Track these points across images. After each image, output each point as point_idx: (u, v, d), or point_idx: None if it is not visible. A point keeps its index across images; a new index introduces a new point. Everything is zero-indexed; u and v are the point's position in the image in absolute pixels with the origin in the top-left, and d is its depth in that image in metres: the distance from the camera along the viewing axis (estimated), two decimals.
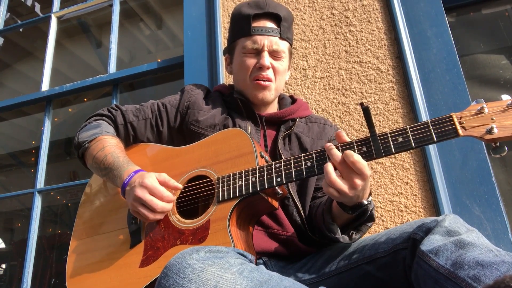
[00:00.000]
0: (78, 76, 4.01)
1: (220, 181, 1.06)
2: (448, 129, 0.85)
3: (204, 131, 1.27)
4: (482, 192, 1.50)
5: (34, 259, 2.32)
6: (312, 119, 1.41)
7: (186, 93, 1.38)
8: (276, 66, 1.31)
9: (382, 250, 1.00)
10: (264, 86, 1.29)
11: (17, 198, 4.36)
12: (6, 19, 3.22)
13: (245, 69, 1.31)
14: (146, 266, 1.05)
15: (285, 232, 1.19)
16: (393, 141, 0.91)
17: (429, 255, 0.84)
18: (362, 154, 0.94)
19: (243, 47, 1.31)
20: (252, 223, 1.10)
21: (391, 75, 1.77)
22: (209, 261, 0.76)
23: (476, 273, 0.75)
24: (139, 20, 3.85)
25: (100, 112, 1.37)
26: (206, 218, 1.03)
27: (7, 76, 4.35)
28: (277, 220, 1.20)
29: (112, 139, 1.27)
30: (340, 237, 1.07)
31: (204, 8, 2.26)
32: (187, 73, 2.15)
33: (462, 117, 0.85)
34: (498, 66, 2.25)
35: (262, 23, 1.30)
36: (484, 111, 0.84)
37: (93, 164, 1.25)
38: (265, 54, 1.28)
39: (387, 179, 1.64)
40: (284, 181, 1.00)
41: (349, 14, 1.93)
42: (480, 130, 0.83)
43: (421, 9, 1.81)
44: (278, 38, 1.29)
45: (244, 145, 1.09)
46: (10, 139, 4.66)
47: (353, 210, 1.02)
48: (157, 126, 1.33)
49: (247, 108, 1.32)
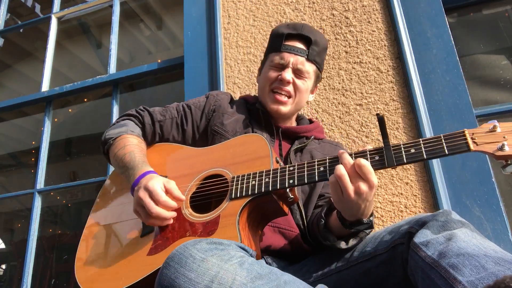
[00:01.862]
0: (78, 76, 4.01)
1: (235, 180, 1.09)
2: (460, 143, 0.87)
3: (226, 133, 1.33)
4: (482, 193, 1.50)
5: (34, 259, 2.32)
6: (326, 141, 1.47)
7: (212, 97, 1.46)
8: (298, 83, 1.36)
9: (382, 247, 1.02)
10: (280, 101, 1.35)
11: (17, 198, 4.36)
12: (6, 19, 3.22)
13: (268, 80, 1.38)
14: (153, 254, 1.08)
15: (291, 229, 1.22)
16: (405, 151, 0.93)
17: (420, 247, 0.86)
18: (374, 163, 0.95)
19: (271, 60, 1.39)
20: (261, 226, 1.13)
21: (391, 76, 1.77)
22: (210, 252, 0.77)
23: (456, 261, 0.77)
24: (139, 20, 3.86)
25: (128, 112, 1.44)
26: (217, 213, 1.06)
27: (7, 76, 4.35)
28: (284, 219, 1.23)
29: (135, 138, 1.33)
30: (336, 243, 1.08)
31: (204, 9, 2.27)
32: (187, 74, 2.15)
33: (475, 133, 0.87)
34: (498, 66, 2.25)
35: (293, 43, 1.37)
36: (496, 129, 0.85)
37: (114, 161, 1.31)
38: (289, 70, 1.34)
39: (387, 179, 1.64)
40: (296, 183, 1.02)
41: (349, 15, 1.93)
42: (492, 146, 0.84)
43: (421, 10, 1.81)
44: (305, 59, 1.35)
45: (262, 149, 1.13)
46: (10, 140, 4.66)
47: (351, 226, 1.02)
48: (182, 125, 1.40)
49: (266, 119, 1.39)
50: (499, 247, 0.83)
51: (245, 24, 2.13)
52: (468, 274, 0.74)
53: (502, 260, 0.75)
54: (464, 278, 0.73)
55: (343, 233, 1.08)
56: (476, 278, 0.72)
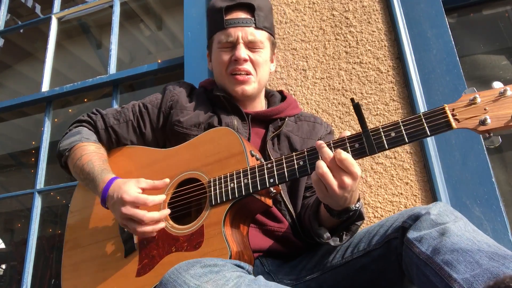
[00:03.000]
0: (78, 76, 4.02)
1: (212, 184, 1.04)
2: (441, 122, 0.84)
3: (188, 130, 1.23)
4: (482, 193, 1.50)
5: (34, 259, 2.32)
6: (302, 117, 1.36)
7: (169, 92, 1.33)
8: (255, 58, 1.25)
9: (376, 242, 1.01)
10: (242, 80, 1.24)
11: (17, 198, 4.36)
12: (6, 20, 3.22)
13: (222, 64, 1.27)
14: (142, 275, 1.04)
15: (280, 228, 1.18)
16: (385, 136, 0.89)
17: (413, 242, 0.85)
18: (355, 151, 0.92)
19: (218, 41, 1.27)
20: (247, 223, 1.10)
21: (391, 76, 1.77)
22: (204, 277, 0.74)
23: (450, 258, 0.76)
24: (139, 21, 3.86)
25: (80, 119, 1.34)
26: (200, 223, 1.02)
27: (7, 76, 4.35)
28: (271, 216, 1.19)
29: (91, 145, 1.24)
30: (330, 241, 1.04)
31: (204, 9, 2.26)
32: (187, 74, 2.15)
33: (455, 108, 0.84)
34: (498, 66, 2.25)
35: (235, 14, 1.25)
36: (476, 101, 0.82)
37: (74, 173, 1.24)
38: (240, 46, 1.23)
39: (387, 179, 1.64)
40: (277, 182, 0.98)
41: (349, 15, 1.93)
42: (474, 121, 0.81)
43: (421, 10, 1.81)
44: (253, 29, 1.24)
45: (234, 145, 1.07)
46: (10, 140, 4.66)
47: (340, 215, 0.99)
48: (139, 127, 1.30)
49: (231, 104, 1.27)
50: (492, 239, 0.83)
51: None
52: (463, 271, 0.73)
53: (495, 255, 0.74)
54: (459, 275, 0.73)
55: (334, 224, 1.06)
56: (471, 275, 0.71)
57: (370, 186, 1.65)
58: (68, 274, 1.22)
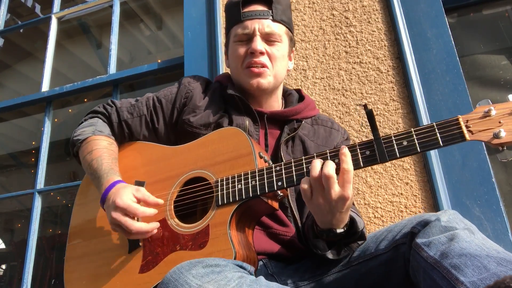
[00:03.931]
0: (78, 76, 4.01)
1: (219, 184, 1.03)
2: (455, 133, 0.82)
3: (198, 130, 1.21)
4: (482, 193, 1.49)
5: (34, 259, 2.32)
6: (319, 120, 1.33)
7: (183, 88, 1.31)
8: (271, 52, 1.22)
9: (383, 246, 1.00)
10: (257, 72, 1.20)
11: (17, 198, 4.36)
12: (6, 20, 3.22)
13: (238, 57, 1.23)
14: (145, 272, 1.04)
15: (285, 232, 1.18)
16: (397, 144, 0.88)
17: (422, 247, 0.85)
18: (365, 158, 0.91)
19: (234, 35, 1.25)
20: (252, 225, 1.09)
21: (391, 76, 1.77)
22: (206, 278, 0.74)
23: (458, 262, 0.76)
24: (139, 20, 3.86)
25: (95, 109, 1.33)
26: (205, 223, 1.01)
27: (7, 76, 4.35)
28: (277, 220, 1.19)
29: (103, 140, 1.23)
30: (327, 253, 1.03)
31: (204, 9, 2.26)
32: (187, 74, 2.15)
33: (469, 120, 0.82)
34: (498, 66, 2.25)
35: (252, 7, 1.23)
36: (491, 113, 0.80)
37: (83, 165, 1.24)
38: (257, 38, 1.20)
39: (387, 179, 1.64)
40: (285, 185, 0.97)
41: (349, 15, 1.93)
42: (487, 134, 0.80)
43: (421, 10, 1.81)
44: (270, 21, 1.21)
45: (243, 145, 1.05)
46: (10, 140, 4.66)
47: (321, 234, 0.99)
48: (153, 122, 1.28)
49: (244, 104, 1.24)
50: (501, 247, 0.83)
51: None
52: (470, 274, 0.73)
53: (504, 261, 0.74)
54: (467, 278, 0.73)
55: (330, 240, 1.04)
56: (478, 278, 0.71)
57: (370, 186, 1.65)
58: (71, 267, 1.22)
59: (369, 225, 1.60)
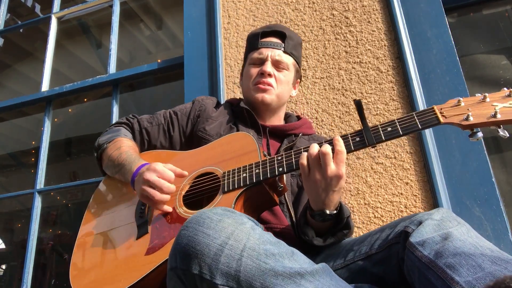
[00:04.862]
0: (78, 76, 4.01)
1: (226, 174, 1.14)
2: (431, 117, 0.97)
3: (210, 137, 1.37)
4: (482, 193, 1.50)
5: (34, 259, 2.32)
6: (315, 137, 1.50)
7: (197, 103, 1.51)
8: (278, 76, 1.43)
9: (377, 246, 1.02)
10: (263, 89, 1.41)
11: (17, 198, 4.36)
12: (6, 19, 3.22)
13: (249, 76, 1.45)
14: (152, 253, 1.08)
15: (283, 228, 1.24)
16: (383, 130, 1.02)
17: (416, 246, 0.87)
18: (356, 143, 1.04)
19: (250, 58, 1.47)
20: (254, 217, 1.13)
21: (391, 76, 1.77)
22: (225, 215, 0.83)
23: (453, 261, 0.77)
24: (139, 20, 3.86)
25: (119, 121, 1.53)
26: (212, 207, 1.06)
27: (7, 76, 4.35)
28: (275, 216, 1.26)
29: (129, 141, 1.40)
30: (313, 239, 1.13)
31: (204, 9, 2.27)
32: (187, 74, 2.15)
33: (442, 108, 0.98)
34: (498, 66, 2.25)
35: (269, 39, 1.47)
36: (461, 104, 0.96)
37: (108, 162, 1.35)
38: (268, 63, 1.42)
39: (387, 179, 1.64)
40: (286, 170, 1.07)
41: (349, 15, 1.93)
42: (459, 117, 0.94)
43: (421, 10, 1.81)
44: (282, 52, 1.44)
45: (248, 144, 1.18)
46: (10, 140, 4.66)
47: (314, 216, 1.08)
48: (169, 131, 1.46)
49: (251, 117, 1.42)
50: (495, 246, 0.83)
51: (245, 24, 2.13)
52: (465, 274, 0.74)
53: (498, 259, 0.75)
54: (462, 278, 0.73)
55: (321, 228, 1.13)
56: (474, 278, 0.72)
57: (370, 186, 1.65)
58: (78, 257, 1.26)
59: (369, 225, 1.60)
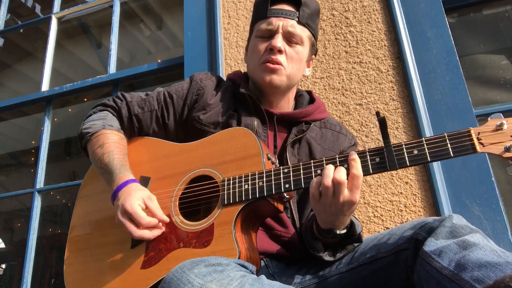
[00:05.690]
0: (78, 76, 4.02)
1: (226, 183, 1.03)
2: (466, 145, 0.83)
3: (206, 128, 1.22)
4: (482, 192, 1.50)
5: (34, 259, 2.32)
6: (328, 124, 1.32)
7: (195, 84, 1.29)
8: (290, 52, 1.20)
9: (384, 250, 0.99)
10: (272, 68, 1.18)
11: (16, 198, 4.36)
12: (6, 20, 3.22)
13: (256, 52, 1.23)
14: (148, 268, 1.03)
15: (287, 234, 1.18)
16: (408, 153, 0.87)
17: (432, 256, 0.82)
18: (375, 165, 0.90)
19: (257, 30, 1.24)
20: (256, 226, 1.09)
21: (391, 76, 1.77)
22: (209, 277, 0.73)
23: (480, 274, 0.73)
24: (139, 20, 3.86)
25: (105, 102, 1.31)
26: (210, 221, 1.01)
27: (7, 76, 4.35)
28: (279, 221, 1.18)
29: (114, 135, 1.22)
30: (323, 255, 1.05)
31: (204, 9, 2.27)
32: (187, 74, 2.15)
33: (480, 132, 0.83)
34: (498, 66, 2.26)
35: (280, 6, 1.22)
36: (503, 127, 0.81)
37: (92, 159, 1.22)
38: (279, 36, 1.19)
39: (386, 178, 1.64)
40: (293, 188, 0.97)
41: (349, 15, 1.94)
42: (499, 147, 0.80)
43: (421, 10, 1.81)
44: (295, 22, 1.20)
45: (251, 146, 1.05)
46: (10, 139, 4.66)
47: (321, 233, 1.01)
48: (163, 118, 1.27)
49: (255, 104, 1.23)
50: None
51: (245, 24, 2.13)
52: None
53: None
54: None
55: (328, 241, 1.05)
56: None
57: (370, 186, 1.65)
58: (71, 259, 1.21)
59: (368, 224, 1.60)
